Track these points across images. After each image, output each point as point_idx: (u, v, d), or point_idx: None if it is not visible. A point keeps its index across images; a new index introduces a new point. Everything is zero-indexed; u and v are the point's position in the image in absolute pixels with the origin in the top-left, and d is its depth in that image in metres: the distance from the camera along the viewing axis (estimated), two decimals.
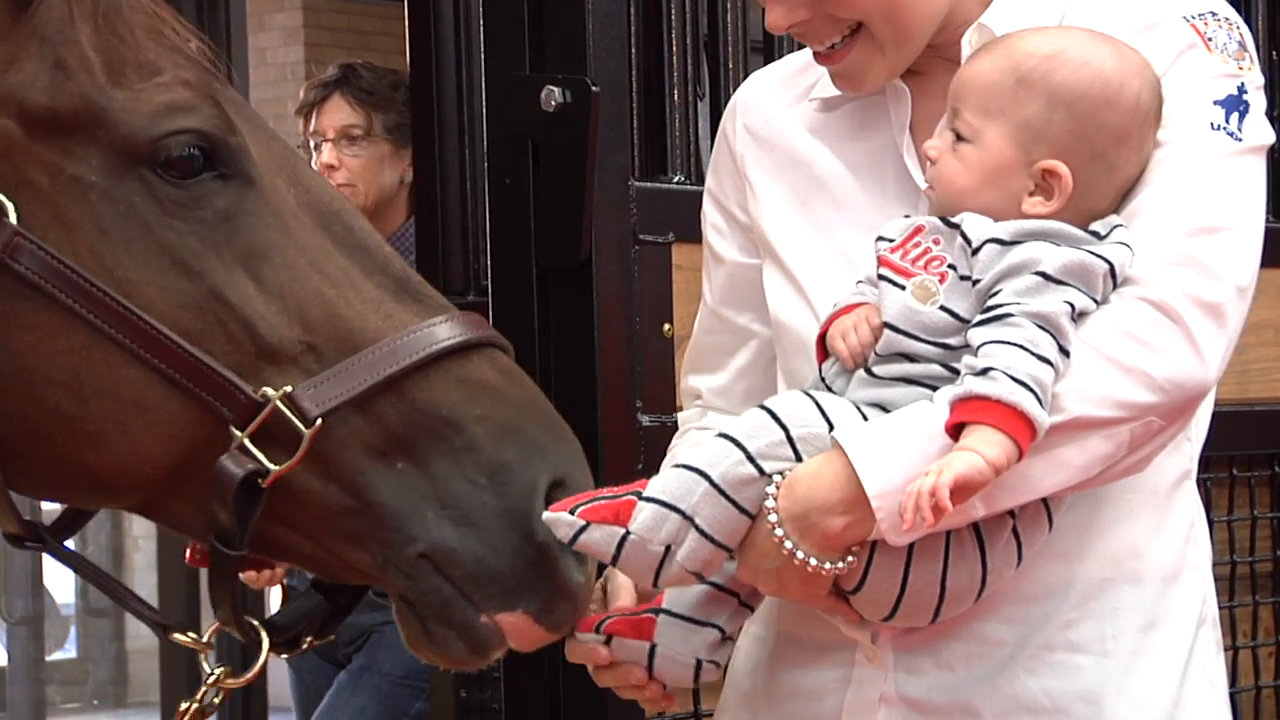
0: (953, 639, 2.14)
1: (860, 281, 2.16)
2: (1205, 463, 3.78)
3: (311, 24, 11.08)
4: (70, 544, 2.23)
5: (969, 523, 2.01)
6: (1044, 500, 2.06)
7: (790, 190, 2.33)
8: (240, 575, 2.09)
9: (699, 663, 2.16)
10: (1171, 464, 2.20)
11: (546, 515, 2.00)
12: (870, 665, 2.18)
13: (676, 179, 3.26)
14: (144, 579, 9.99)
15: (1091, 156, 2.08)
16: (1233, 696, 3.88)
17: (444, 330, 2.04)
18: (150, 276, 2.01)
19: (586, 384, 3.04)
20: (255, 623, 2.10)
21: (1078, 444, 1.99)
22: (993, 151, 2.08)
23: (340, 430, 2.01)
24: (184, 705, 2.13)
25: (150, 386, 1.99)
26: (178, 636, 2.16)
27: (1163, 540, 2.21)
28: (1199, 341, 2.02)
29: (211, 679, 2.13)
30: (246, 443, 1.99)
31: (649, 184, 3.21)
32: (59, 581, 10.54)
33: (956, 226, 2.07)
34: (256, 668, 2.13)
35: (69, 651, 11.54)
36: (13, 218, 1.99)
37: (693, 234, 2.59)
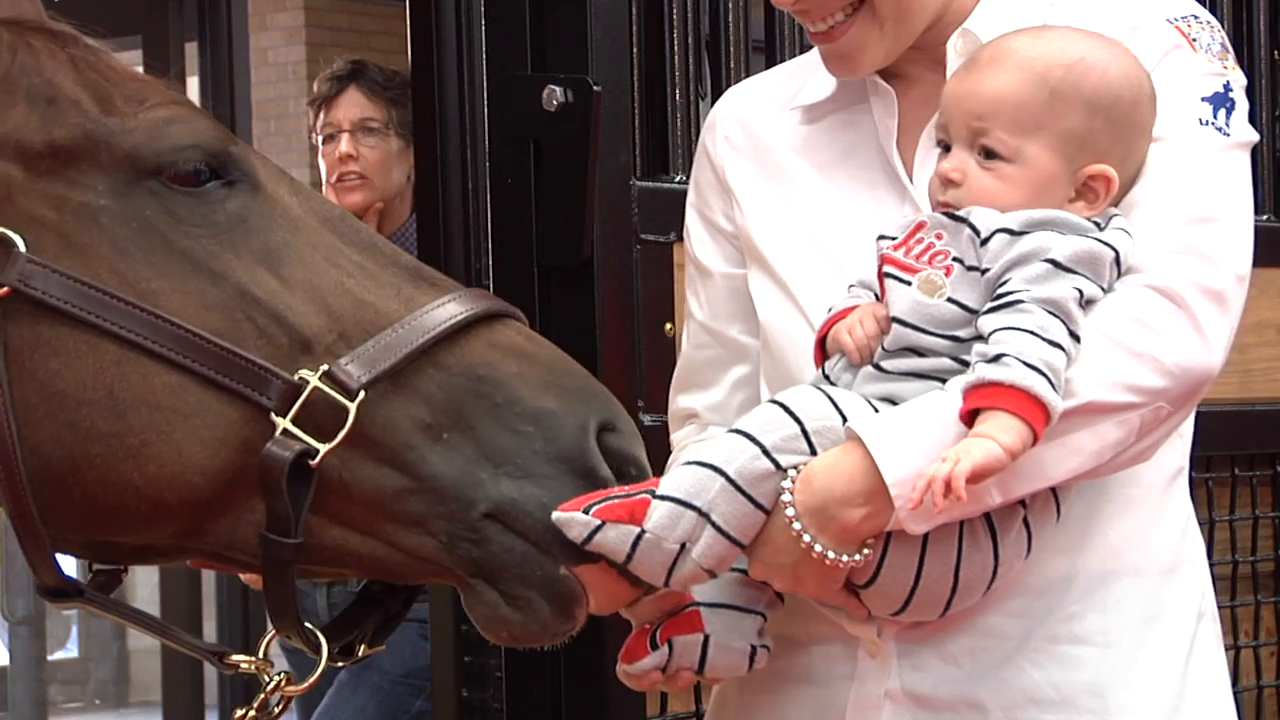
0: (957, 633, 2.15)
1: (853, 285, 2.17)
2: (1206, 462, 3.82)
3: (313, 24, 11.08)
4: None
5: (985, 510, 2.02)
6: (1053, 490, 2.07)
7: (775, 197, 2.34)
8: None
9: (753, 649, 2.15)
10: (1166, 459, 2.22)
11: (558, 515, 1.97)
12: (873, 661, 2.18)
13: (678, 178, 3.26)
14: (145, 578, 10.00)
15: (1128, 153, 2.11)
16: (1234, 696, 3.91)
17: (466, 303, 2.05)
18: (173, 284, 2.01)
19: None
20: (316, 630, 2.07)
21: (1090, 429, 2.01)
22: (1038, 166, 2.09)
23: (384, 408, 1.99)
24: (240, 712, 2.10)
25: (188, 390, 1.98)
26: (236, 658, 2.12)
27: (1161, 534, 2.23)
28: (1204, 327, 2.04)
29: (272, 685, 2.10)
30: (290, 427, 1.97)
31: (650, 183, 3.21)
32: None
33: (963, 220, 2.08)
34: (316, 675, 2.08)
35: (71, 651, 11.56)
36: (22, 249, 1.99)
37: None
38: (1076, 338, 2.00)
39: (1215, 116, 2.15)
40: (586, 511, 1.97)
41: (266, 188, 2.08)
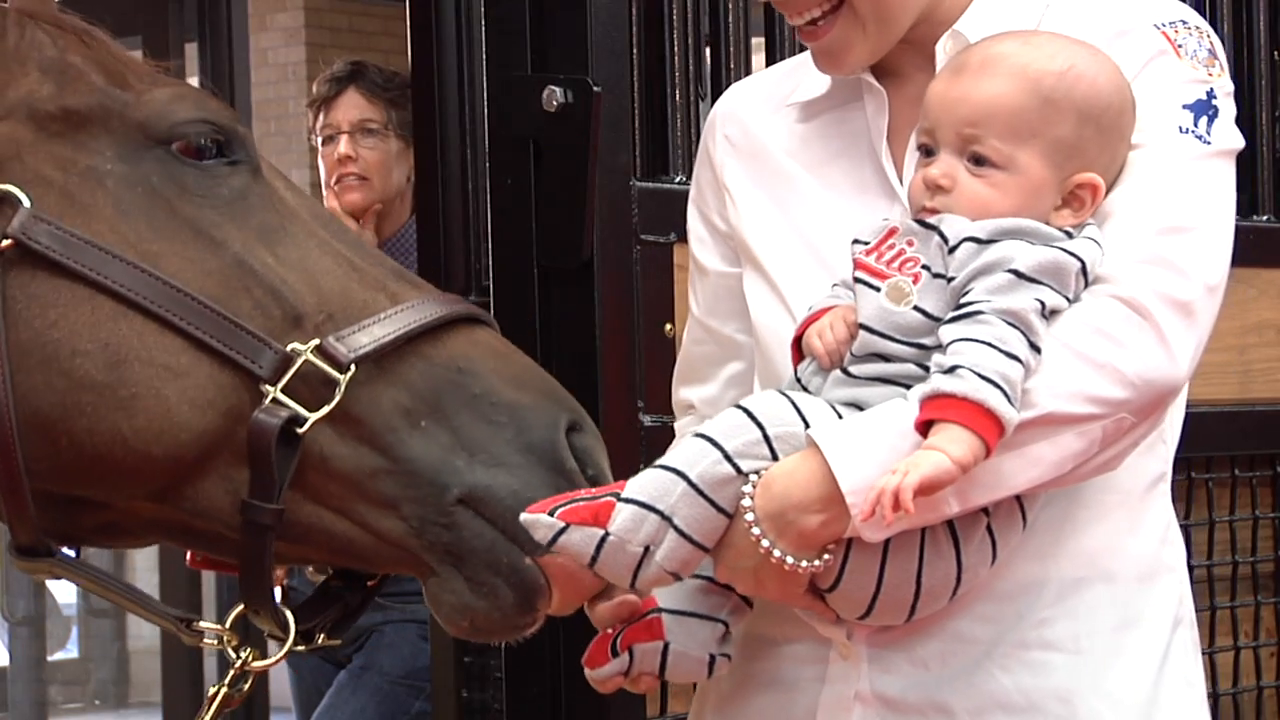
0: (927, 637, 2.15)
1: (836, 285, 2.17)
2: (1206, 462, 3.82)
3: (313, 24, 11.09)
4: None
5: (943, 519, 2.03)
6: (1018, 498, 2.07)
7: (769, 197, 2.34)
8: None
9: (712, 657, 2.17)
10: (1146, 465, 2.21)
11: (525, 517, 2.01)
12: (844, 663, 2.19)
13: (678, 179, 3.26)
14: (145, 579, 10.00)
15: (1112, 161, 2.11)
16: (1234, 697, 3.91)
17: (448, 304, 2.12)
18: (174, 248, 2.06)
19: (588, 384, 3.04)
20: (286, 610, 2.10)
21: (1050, 440, 2.00)
22: (1030, 174, 2.08)
23: (369, 390, 2.05)
24: (213, 689, 2.13)
25: (182, 350, 2.03)
26: (203, 625, 2.15)
27: (1138, 541, 2.22)
28: (1169, 339, 2.03)
29: (239, 663, 2.13)
30: (280, 396, 2.02)
31: (650, 184, 3.21)
32: (61, 581, 10.53)
33: (933, 227, 2.07)
34: (283, 652, 2.12)
35: (71, 651, 11.55)
36: (26, 205, 2.03)
37: None
38: (1037, 349, 1.99)
39: (1196, 124, 2.14)
40: (552, 514, 2.00)
41: (266, 176, 2.15)
